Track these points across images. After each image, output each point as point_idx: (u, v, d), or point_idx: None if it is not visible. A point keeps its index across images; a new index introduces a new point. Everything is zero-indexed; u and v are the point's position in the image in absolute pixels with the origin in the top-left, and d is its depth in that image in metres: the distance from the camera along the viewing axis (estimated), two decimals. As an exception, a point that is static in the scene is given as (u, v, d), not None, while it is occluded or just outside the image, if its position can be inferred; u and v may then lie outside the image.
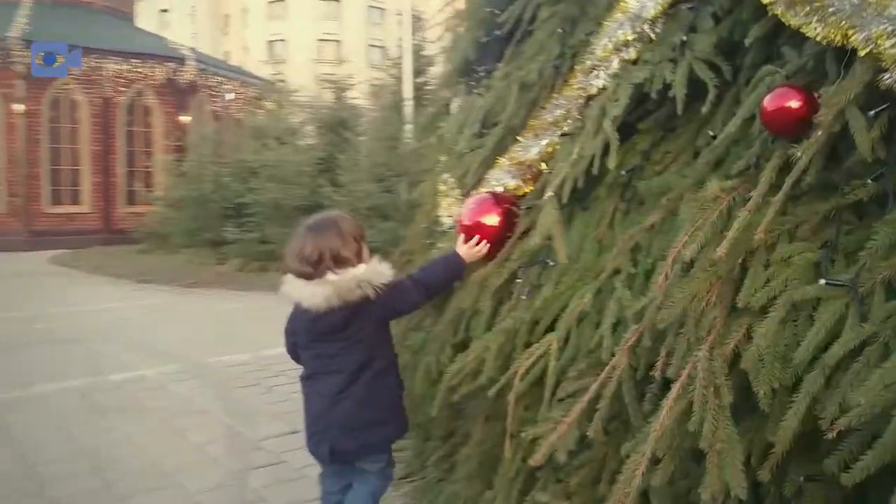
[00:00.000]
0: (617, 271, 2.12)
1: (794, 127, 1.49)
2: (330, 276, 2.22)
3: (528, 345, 2.34)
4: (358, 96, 15.64)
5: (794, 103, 1.47)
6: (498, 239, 2.79)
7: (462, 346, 2.69)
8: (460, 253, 2.64)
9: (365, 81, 17.57)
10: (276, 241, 11.39)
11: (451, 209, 3.80)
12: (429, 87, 13.58)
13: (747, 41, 1.75)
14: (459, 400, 2.97)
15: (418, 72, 13.58)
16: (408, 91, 13.00)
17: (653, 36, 2.28)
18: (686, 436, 1.53)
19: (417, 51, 13.75)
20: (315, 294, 2.22)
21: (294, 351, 2.53)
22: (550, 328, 2.32)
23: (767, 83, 1.63)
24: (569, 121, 2.56)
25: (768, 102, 1.51)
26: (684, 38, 2.07)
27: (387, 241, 7.58)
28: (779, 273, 1.55)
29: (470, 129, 3.24)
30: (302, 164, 12.08)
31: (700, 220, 1.60)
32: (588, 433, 1.75)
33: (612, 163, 2.15)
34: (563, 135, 2.54)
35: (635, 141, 2.24)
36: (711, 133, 2.01)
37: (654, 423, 1.53)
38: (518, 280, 2.61)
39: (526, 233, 2.72)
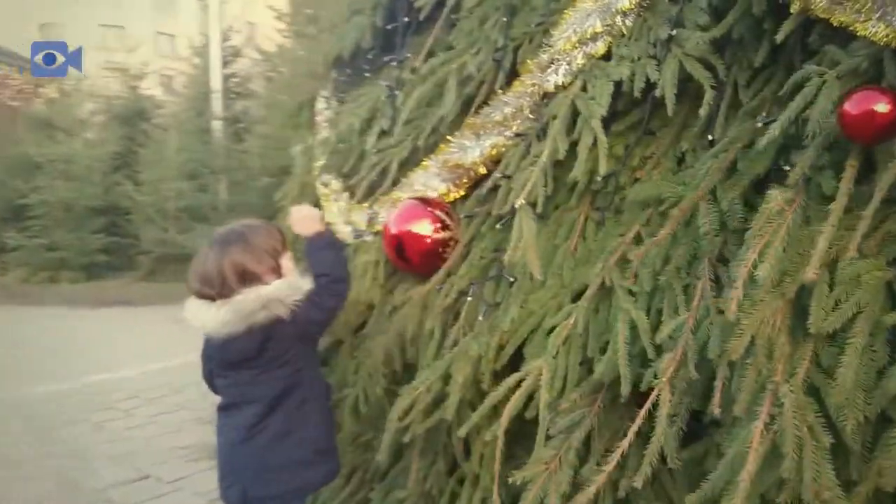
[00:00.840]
0: (606, 287, 1.90)
1: (880, 133, 1.36)
2: (235, 297, 1.89)
3: (495, 374, 2.06)
4: (150, 87, 14.19)
5: (883, 107, 1.34)
6: (430, 249, 2.47)
7: (404, 376, 2.34)
8: (312, 231, 2.20)
9: (156, 71, 16.04)
10: (67, 248, 9.96)
11: (346, 216, 3.41)
12: (236, 79, 12.72)
13: (779, 37, 1.61)
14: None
15: (225, 62, 12.59)
16: (216, 82, 12.01)
17: (624, 30, 2.09)
18: (774, 485, 1.35)
19: (224, 40, 12.73)
20: (214, 318, 1.88)
21: (210, 378, 2.16)
22: (516, 353, 2.07)
23: (816, 84, 1.50)
24: (519, 120, 2.31)
25: (851, 106, 1.37)
26: (672, 32, 1.90)
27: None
28: (849, 293, 1.41)
29: (380, 125, 2.88)
30: (95, 160, 10.67)
31: (769, 236, 1.42)
32: (635, 484, 1.51)
33: (602, 168, 1.92)
34: (517, 135, 2.29)
35: (609, 144, 2.03)
36: (711, 137, 1.87)
37: (742, 473, 1.33)
38: (468, 298, 2.32)
39: (469, 244, 2.44)
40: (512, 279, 2.18)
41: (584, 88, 2.11)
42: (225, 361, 2.03)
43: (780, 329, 1.44)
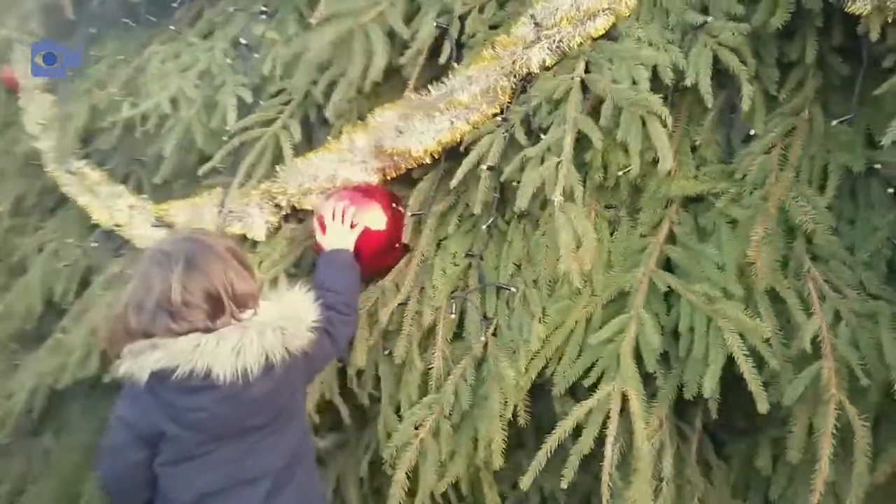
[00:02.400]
0: (657, 290, 1.71)
1: None
2: (244, 325, 1.39)
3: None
4: None
5: None
6: (382, 249, 1.98)
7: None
8: (338, 246, 1.86)
9: None
10: None
11: (116, 214, 2.60)
12: None
13: (873, 34, 1.58)
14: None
15: None
16: None
17: (626, 9, 1.90)
18: None
19: None
20: (243, 349, 1.33)
21: (137, 470, 1.42)
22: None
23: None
24: (497, 103, 1.95)
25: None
26: (707, 19, 1.78)
27: None
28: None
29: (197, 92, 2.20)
30: None
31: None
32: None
33: (668, 163, 1.69)
34: (504, 119, 1.92)
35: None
36: (752, 132, 1.79)
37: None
38: (451, 314, 1.88)
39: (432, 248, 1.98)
40: (514, 289, 1.83)
41: (587, 70, 1.87)
42: (220, 425, 1.38)
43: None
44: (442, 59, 2.05)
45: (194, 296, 1.30)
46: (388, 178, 2.09)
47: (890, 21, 1.58)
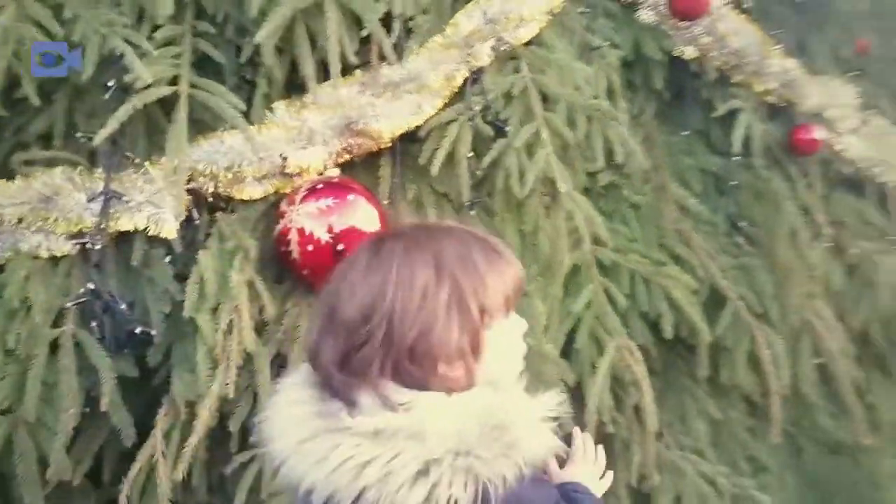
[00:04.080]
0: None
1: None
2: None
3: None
4: None
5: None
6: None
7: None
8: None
9: None
10: None
11: None
12: None
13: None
14: None
15: None
16: None
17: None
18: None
19: None
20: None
21: None
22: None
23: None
24: (450, 91, 1.99)
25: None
26: (604, 43, 2.22)
27: None
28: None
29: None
30: None
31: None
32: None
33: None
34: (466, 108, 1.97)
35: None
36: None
37: None
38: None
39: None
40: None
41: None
42: None
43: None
44: (392, 39, 1.95)
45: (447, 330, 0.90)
46: (341, 163, 1.89)
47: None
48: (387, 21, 1.92)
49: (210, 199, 1.77)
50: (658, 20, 2.36)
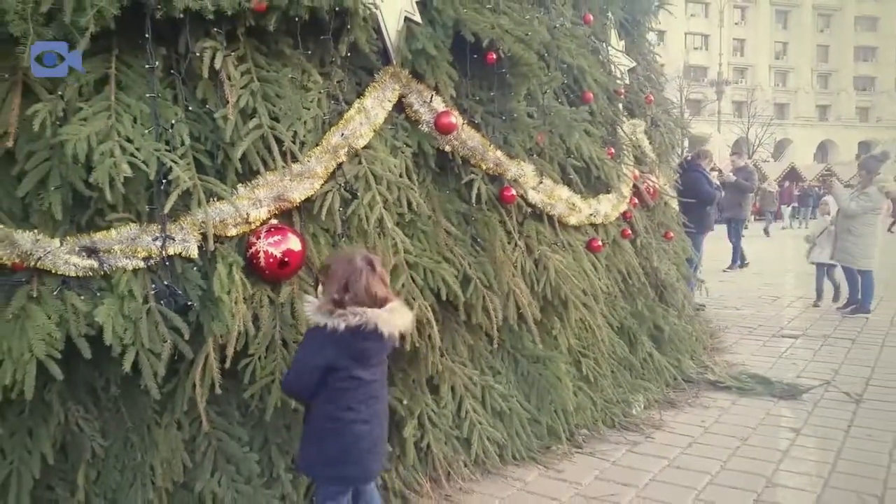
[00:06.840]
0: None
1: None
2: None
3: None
4: None
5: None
6: (299, 263, 3.57)
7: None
8: None
9: None
10: None
11: None
12: None
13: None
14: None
15: None
16: None
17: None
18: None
19: None
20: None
21: (321, 377, 2.81)
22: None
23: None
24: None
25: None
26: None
27: None
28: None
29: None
30: None
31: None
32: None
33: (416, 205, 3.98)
34: (337, 183, 3.77)
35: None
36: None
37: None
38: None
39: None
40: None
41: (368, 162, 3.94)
42: (379, 356, 2.91)
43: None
44: (297, 147, 3.70)
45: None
46: (276, 215, 3.59)
47: (462, 155, 4.40)
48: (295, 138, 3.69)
49: (213, 237, 3.40)
50: (430, 131, 4.33)
